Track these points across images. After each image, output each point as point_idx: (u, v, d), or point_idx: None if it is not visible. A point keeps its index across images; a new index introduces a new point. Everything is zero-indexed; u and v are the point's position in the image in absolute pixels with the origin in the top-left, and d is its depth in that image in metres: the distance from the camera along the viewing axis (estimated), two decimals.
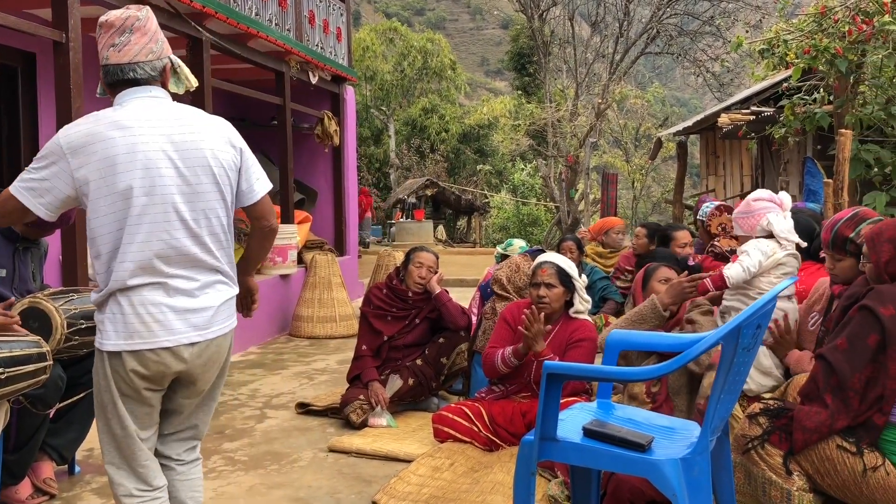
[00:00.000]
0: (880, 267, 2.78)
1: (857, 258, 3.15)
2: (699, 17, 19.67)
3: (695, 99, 46.88)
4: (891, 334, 2.60)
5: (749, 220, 3.76)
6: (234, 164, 2.47)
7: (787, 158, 8.07)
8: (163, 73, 2.46)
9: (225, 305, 2.46)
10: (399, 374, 4.70)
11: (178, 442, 2.59)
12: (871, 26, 5.36)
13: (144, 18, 2.41)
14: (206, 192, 2.38)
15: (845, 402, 2.67)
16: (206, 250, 2.39)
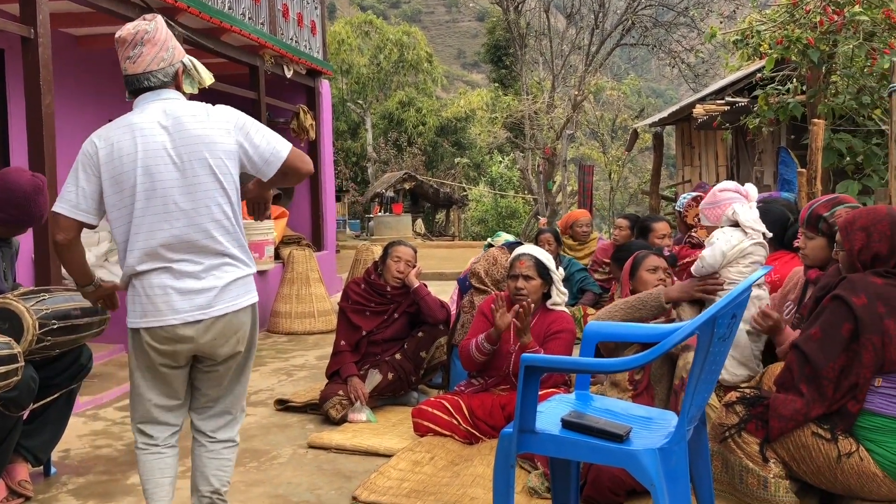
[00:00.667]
0: (853, 255, 2.82)
1: (829, 238, 3.25)
2: (674, 8, 19.77)
3: (670, 90, 47.16)
4: (863, 323, 2.63)
5: (715, 210, 3.80)
6: (234, 150, 2.63)
7: (761, 148, 8.14)
8: (175, 77, 2.68)
9: (233, 285, 2.63)
10: (378, 368, 4.69)
11: (210, 419, 2.80)
12: (842, 17, 5.40)
13: (153, 30, 2.62)
14: (204, 184, 2.56)
15: (820, 390, 2.70)
16: (208, 237, 2.58)
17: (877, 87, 5.56)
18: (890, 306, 2.64)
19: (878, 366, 2.64)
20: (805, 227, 3.37)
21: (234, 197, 2.65)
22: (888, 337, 2.61)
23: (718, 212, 3.76)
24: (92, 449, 4.20)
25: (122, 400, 5.20)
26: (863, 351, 2.64)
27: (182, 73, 2.71)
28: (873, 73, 5.58)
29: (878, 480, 2.64)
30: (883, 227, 2.78)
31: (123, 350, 6.42)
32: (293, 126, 9.26)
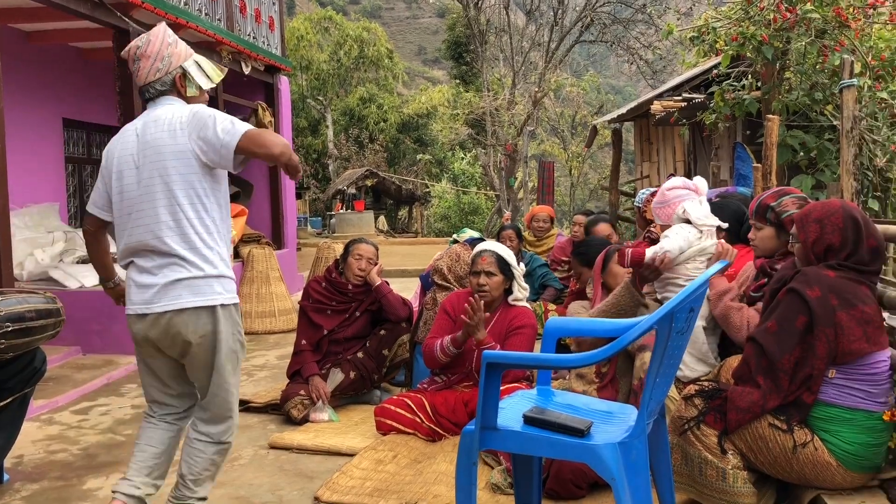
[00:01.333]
0: (808, 246, 2.88)
1: (777, 227, 3.36)
2: (632, 5, 19.96)
3: (629, 86, 47.62)
4: (817, 315, 2.68)
5: (665, 209, 3.84)
6: (185, 149, 2.70)
7: (717, 144, 8.25)
8: (174, 83, 2.83)
9: (177, 285, 2.71)
10: (340, 367, 4.66)
11: (198, 408, 2.94)
12: (795, 14, 5.50)
13: (144, 44, 2.80)
14: (155, 188, 2.71)
15: (776, 382, 2.75)
16: (156, 238, 2.72)
17: (828, 83, 5.67)
18: (842, 298, 2.70)
19: (831, 357, 2.69)
20: (754, 217, 3.46)
21: (192, 198, 2.71)
22: (841, 329, 2.67)
23: (669, 211, 3.80)
24: (46, 454, 4.11)
25: (79, 403, 5.10)
26: (817, 343, 2.69)
27: (180, 78, 2.83)
28: (825, 70, 5.69)
29: (833, 469, 2.70)
30: (836, 220, 2.84)
31: (79, 352, 6.30)
32: (252, 123, 9.15)
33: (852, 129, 4.27)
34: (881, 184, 5.67)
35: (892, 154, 5.46)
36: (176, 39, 2.87)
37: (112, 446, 4.22)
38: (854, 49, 5.40)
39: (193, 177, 2.71)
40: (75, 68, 8.34)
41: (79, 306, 6.33)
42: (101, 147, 9.25)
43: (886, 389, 2.72)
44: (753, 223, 3.48)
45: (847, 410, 2.69)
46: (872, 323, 2.70)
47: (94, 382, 5.50)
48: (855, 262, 2.79)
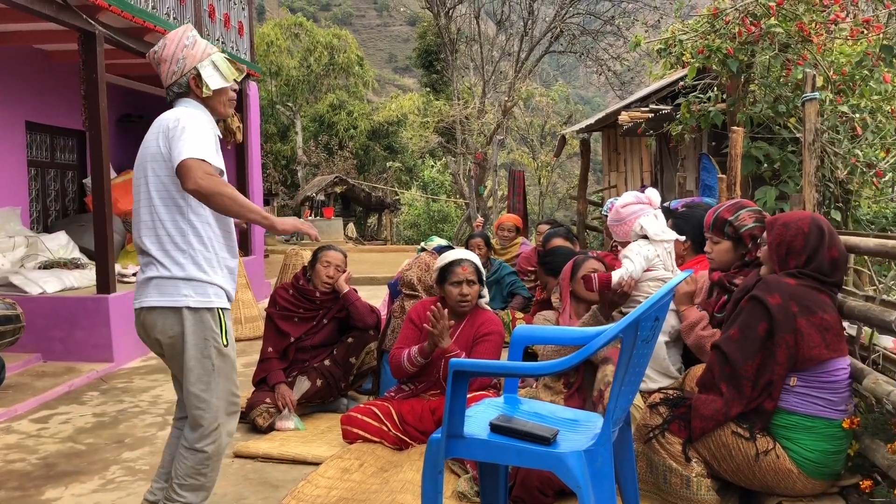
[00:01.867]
0: (772, 248, 2.95)
1: (734, 241, 3.41)
2: (600, 16, 20.17)
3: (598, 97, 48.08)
4: (778, 322, 2.73)
5: (622, 227, 3.87)
6: (157, 153, 2.75)
7: (683, 155, 8.35)
8: (188, 86, 2.85)
9: (150, 284, 2.79)
10: (307, 375, 4.63)
11: None
12: (759, 28, 5.59)
13: (160, 49, 2.85)
14: (141, 193, 2.81)
15: (739, 389, 2.78)
16: (139, 237, 2.83)
17: (791, 96, 5.77)
18: (802, 305, 2.75)
19: (791, 363, 2.74)
20: (711, 231, 3.48)
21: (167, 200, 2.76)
22: (801, 335, 2.72)
23: (626, 228, 3.83)
24: (4, 464, 4.02)
25: (38, 412, 5.00)
26: (777, 349, 2.74)
27: (196, 79, 2.85)
28: (788, 84, 5.79)
29: (794, 476, 2.74)
30: (802, 224, 2.92)
31: (40, 360, 6.18)
32: (220, 129, 9.06)
33: (814, 141, 4.35)
34: (842, 195, 5.78)
35: (852, 167, 5.57)
36: (195, 41, 2.87)
37: (72, 455, 4.14)
38: (816, 63, 5.51)
39: (168, 179, 2.75)
40: (40, 71, 8.21)
41: (40, 313, 6.22)
42: (64, 151, 9.10)
43: (846, 398, 2.77)
44: (710, 236, 3.50)
45: (808, 418, 2.74)
46: (832, 330, 2.75)
47: (55, 390, 5.40)
48: (814, 269, 2.85)
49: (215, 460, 2.86)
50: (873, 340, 3.29)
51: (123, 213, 8.35)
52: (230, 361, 2.84)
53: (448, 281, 4.04)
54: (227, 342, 2.81)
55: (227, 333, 2.82)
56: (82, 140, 9.08)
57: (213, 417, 2.81)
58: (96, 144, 6.32)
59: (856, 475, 2.81)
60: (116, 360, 6.26)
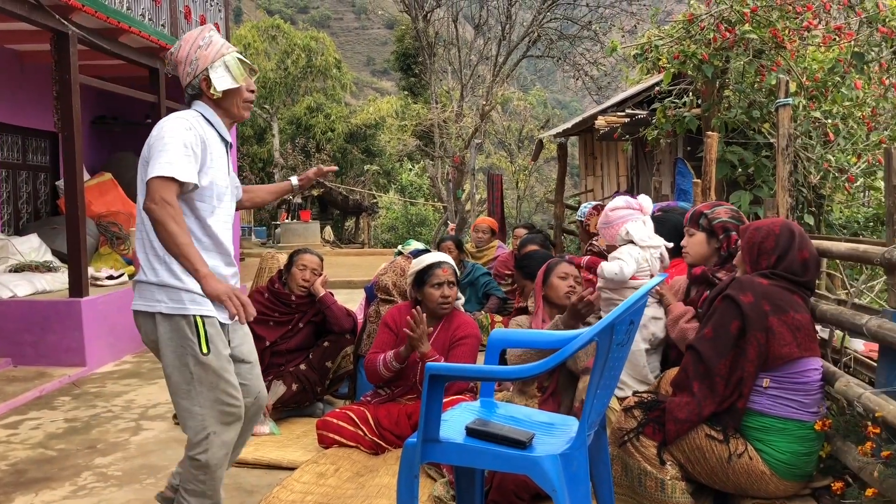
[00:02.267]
0: (745, 249, 3.02)
1: (708, 234, 3.53)
2: (578, 21, 20.27)
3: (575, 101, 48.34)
4: (750, 320, 2.77)
5: (609, 230, 3.88)
6: (146, 158, 2.71)
7: (659, 159, 8.42)
8: (201, 88, 2.84)
9: (134, 286, 2.80)
10: (282, 379, 4.59)
11: None
12: (734, 34, 5.65)
13: (177, 50, 2.85)
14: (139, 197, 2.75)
15: (711, 387, 2.81)
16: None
17: (765, 101, 5.83)
18: (774, 304, 2.79)
19: (762, 361, 2.77)
20: (688, 224, 3.60)
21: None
22: (772, 333, 2.76)
23: (613, 231, 3.84)
24: None
25: (9, 417, 4.93)
26: (748, 346, 2.78)
27: (205, 81, 2.82)
28: (762, 89, 5.85)
29: (766, 478, 2.76)
30: (772, 227, 3.00)
31: (10, 364, 6.09)
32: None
33: (788, 146, 4.40)
34: (815, 200, 5.85)
35: (824, 172, 5.64)
36: (210, 42, 2.83)
37: (42, 462, 4.08)
38: (789, 69, 5.57)
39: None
40: (11, 71, 8.10)
41: (10, 317, 6.14)
42: (36, 152, 8.98)
43: (818, 400, 2.80)
44: (686, 230, 3.63)
45: (780, 420, 2.76)
46: (803, 330, 2.79)
47: (25, 395, 5.32)
48: (785, 269, 2.90)
49: (213, 470, 2.75)
50: (845, 343, 3.32)
51: (97, 215, 8.25)
52: (212, 370, 2.71)
53: (428, 283, 4.03)
54: (206, 350, 2.70)
55: (207, 341, 2.70)
56: (55, 142, 8.97)
57: (199, 426, 2.73)
58: (69, 146, 6.24)
59: (828, 477, 2.84)
60: (89, 365, 6.18)
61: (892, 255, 2.63)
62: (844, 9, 5.79)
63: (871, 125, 5.67)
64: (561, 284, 3.81)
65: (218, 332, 2.75)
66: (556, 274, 3.85)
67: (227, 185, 2.88)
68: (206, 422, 2.73)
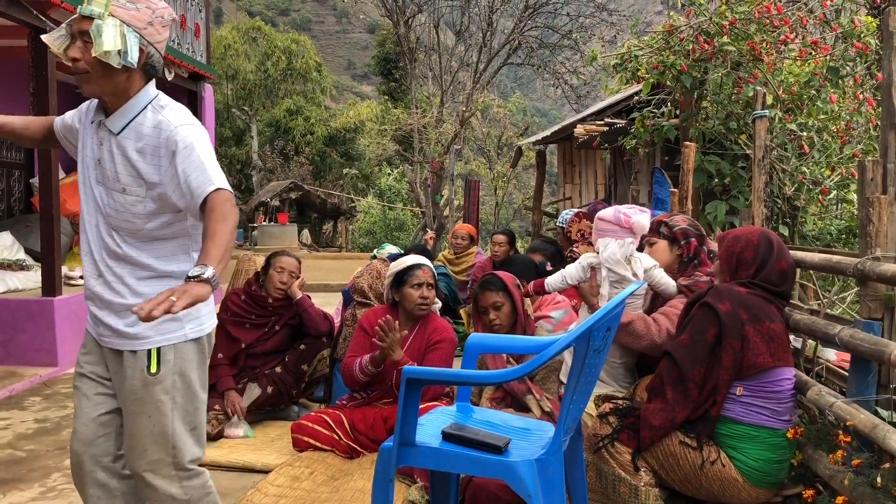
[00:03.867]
0: (723, 259, 3.05)
1: (670, 241, 3.67)
2: (558, 30, 20.39)
3: (554, 110, 48.57)
4: (726, 328, 2.81)
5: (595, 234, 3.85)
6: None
7: (637, 168, 8.48)
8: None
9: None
10: (257, 382, 4.56)
11: None
12: (712, 46, 5.72)
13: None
14: None
15: (685, 393, 2.84)
16: None
17: (742, 113, 5.91)
18: (751, 313, 2.82)
19: (736, 369, 2.80)
20: (649, 234, 3.69)
21: None
22: (748, 342, 2.79)
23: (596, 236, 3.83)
24: None
25: None
26: (723, 354, 2.81)
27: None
28: (739, 101, 5.92)
29: (739, 485, 2.78)
30: (752, 237, 3.03)
31: None
32: None
33: (763, 157, 4.46)
34: (789, 211, 5.93)
35: (799, 183, 5.72)
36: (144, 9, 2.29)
37: (11, 463, 4.01)
38: (766, 82, 5.64)
39: None
40: None
41: None
42: (11, 148, 8.87)
43: (790, 408, 2.83)
44: (647, 239, 3.72)
45: (753, 428, 2.79)
46: (777, 340, 2.82)
47: None
48: (763, 279, 2.93)
49: None
50: (817, 353, 3.37)
51: (71, 214, 8.15)
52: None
53: (408, 283, 4.01)
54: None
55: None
56: None
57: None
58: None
59: (799, 485, 2.87)
60: (61, 365, 6.10)
61: (865, 267, 2.67)
62: (820, 24, 5.88)
63: (845, 139, 5.76)
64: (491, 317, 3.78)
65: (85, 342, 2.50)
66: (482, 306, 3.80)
67: None
68: None
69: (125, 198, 2.30)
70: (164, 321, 2.24)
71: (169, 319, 2.27)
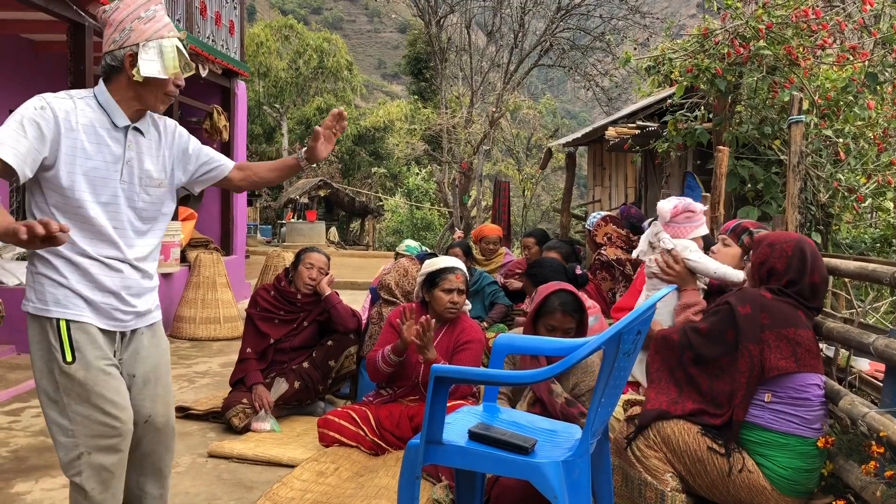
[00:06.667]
0: (755, 266, 3.02)
1: (744, 252, 3.56)
2: (591, 32, 20.27)
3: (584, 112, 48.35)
4: (743, 332, 2.79)
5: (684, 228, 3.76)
6: None
7: (668, 172, 8.41)
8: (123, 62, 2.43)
9: None
10: (285, 377, 4.60)
11: None
12: (748, 50, 5.65)
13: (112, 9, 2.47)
14: None
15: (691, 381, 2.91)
16: None
17: (777, 118, 5.83)
18: (773, 319, 2.80)
19: (754, 373, 2.77)
20: (729, 233, 3.60)
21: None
22: (767, 346, 2.77)
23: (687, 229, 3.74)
24: None
25: (11, 404, 4.94)
26: (740, 357, 2.79)
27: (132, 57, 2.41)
28: (774, 106, 5.84)
29: (767, 493, 2.75)
30: (786, 247, 2.96)
31: (13, 352, 6.10)
32: (206, 126, 9.04)
33: (798, 163, 4.40)
34: (823, 218, 5.84)
35: (834, 190, 5.63)
36: (154, 16, 2.46)
37: (43, 449, 4.08)
38: (802, 87, 5.57)
39: None
40: (25, 60, 8.14)
41: (15, 304, 6.13)
42: None
43: (820, 416, 2.79)
44: (723, 238, 3.66)
45: (782, 435, 2.76)
46: (804, 346, 2.78)
47: (28, 383, 5.33)
48: (796, 292, 2.89)
49: (93, 500, 2.36)
50: (850, 363, 3.32)
51: None
52: (78, 381, 2.37)
53: (439, 286, 4.03)
54: (70, 359, 2.37)
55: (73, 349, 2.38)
56: None
57: (69, 443, 2.37)
58: None
59: (829, 495, 2.83)
60: None
61: None
62: (859, 29, 5.79)
63: (883, 146, 5.66)
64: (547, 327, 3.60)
65: (91, 339, 2.39)
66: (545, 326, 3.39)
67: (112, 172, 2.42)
68: (77, 439, 2.36)
69: (158, 191, 2.55)
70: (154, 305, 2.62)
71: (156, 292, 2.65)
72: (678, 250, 3.60)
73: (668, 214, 3.71)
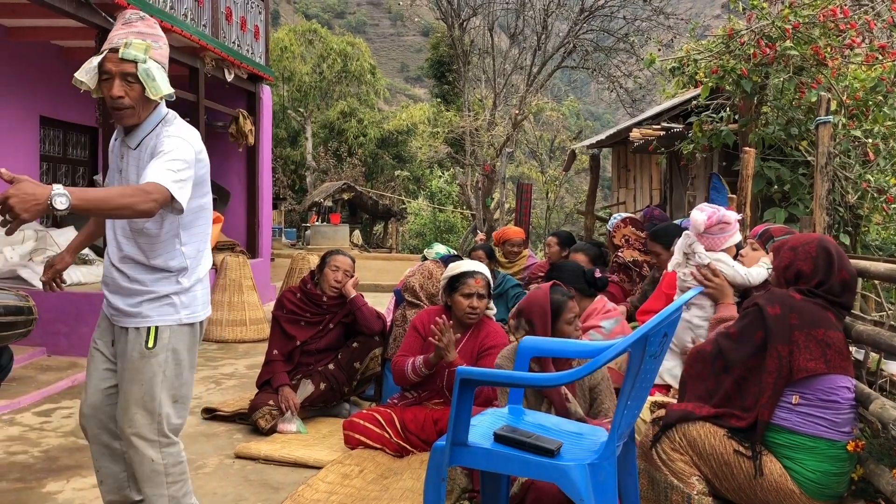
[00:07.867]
0: (780, 271, 2.99)
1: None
2: (614, 33, 20.19)
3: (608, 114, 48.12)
4: (772, 332, 2.77)
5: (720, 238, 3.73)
6: None
7: (694, 173, 8.35)
8: None
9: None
10: (311, 379, 4.63)
11: None
12: (774, 50, 5.60)
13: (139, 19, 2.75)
14: None
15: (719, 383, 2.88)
16: None
17: (804, 119, 5.77)
18: (803, 320, 2.77)
19: (782, 374, 2.75)
20: (757, 238, 3.62)
21: None
22: (797, 346, 2.74)
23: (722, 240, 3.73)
24: (6, 455, 4.03)
25: (42, 405, 5.01)
26: (768, 358, 2.77)
27: None
28: (801, 106, 5.78)
29: (796, 497, 2.73)
30: (809, 248, 2.94)
31: (44, 353, 6.20)
32: (232, 130, 9.12)
33: (826, 164, 4.35)
34: (852, 220, 5.77)
35: (863, 191, 5.56)
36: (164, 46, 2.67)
37: (74, 450, 4.14)
38: (830, 87, 5.51)
39: None
40: (55, 66, 8.27)
41: (46, 307, 6.24)
42: (77, 146, 9.15)
43: (849, 419, 2.76)
44: (751, 241, 3.68)
45: (810, 439, 2.73)
46: (834, 347, 2.75)
47: (59, 384, 5.41)
48: (825, 291, 2.87)
49: None
50: (880, 366, 3.28)
51: None
52: None
53: (459, 291, 4.03)
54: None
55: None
56: (94, 137, 9.14)
57: None
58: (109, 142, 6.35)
59: (859, 500, 2.80)
60: None
61: None
62: (888, 28, 5.72)
63: None
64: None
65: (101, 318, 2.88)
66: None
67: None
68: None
69: None
70: (162, 305, 2.65)
71: (167, 304, 2.65)
72: (714, 264, 3.60)
73: (701, 226, 3.66)
